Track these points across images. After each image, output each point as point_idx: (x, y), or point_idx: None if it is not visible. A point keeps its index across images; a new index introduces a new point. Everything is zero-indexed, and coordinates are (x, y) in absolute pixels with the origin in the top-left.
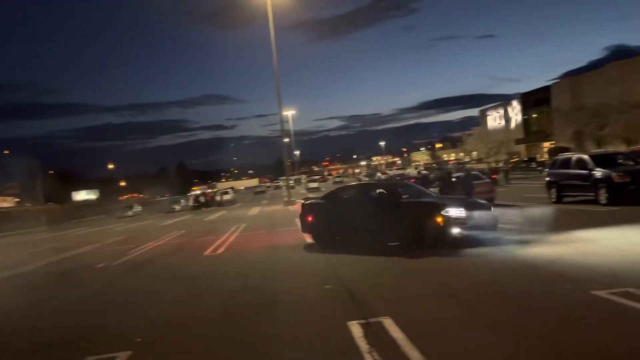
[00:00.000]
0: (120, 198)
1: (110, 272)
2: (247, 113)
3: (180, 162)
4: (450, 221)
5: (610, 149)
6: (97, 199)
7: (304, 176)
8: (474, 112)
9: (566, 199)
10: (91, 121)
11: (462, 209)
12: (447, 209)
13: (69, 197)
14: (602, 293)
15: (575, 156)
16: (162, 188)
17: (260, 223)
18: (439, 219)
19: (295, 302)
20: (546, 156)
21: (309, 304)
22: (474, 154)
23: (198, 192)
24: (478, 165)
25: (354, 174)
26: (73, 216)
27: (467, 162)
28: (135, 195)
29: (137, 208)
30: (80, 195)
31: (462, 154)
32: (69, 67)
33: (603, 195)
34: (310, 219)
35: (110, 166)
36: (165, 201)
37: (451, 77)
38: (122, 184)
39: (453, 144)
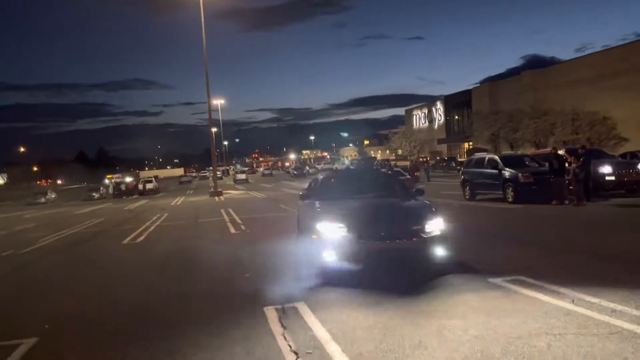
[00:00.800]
0: (38, 183)
1: (17, 260)
2: (174, 100)
3: (100, 148)
4: (322, 243)
5: (521, 151)
6: (5, 183)
7: (232, 167)
8: (401, 111)
9: (478, 197)
10: None
11: (342, 225)
12: (322, 222)
13: None
14: (497, 280)
15: (487, 156)
16: (80, 174)
17: (184, 213)
18: (314, 236)
19: (213, 291)
20: (465, 156)
21: (227, 293)
22: (399, 151)
23: (114, 179)
24: (403, 162)
25: (283, 166)
26: None
27: (393, 159)
28: (49, 181)
29: (51, 195)
30: None
31: (387, 152)
32: None
33: (510, 194)
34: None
35: (21, 149)
36: (83, 188)
37: (381, 76)
38: (35, 169)
39: (380, 141)
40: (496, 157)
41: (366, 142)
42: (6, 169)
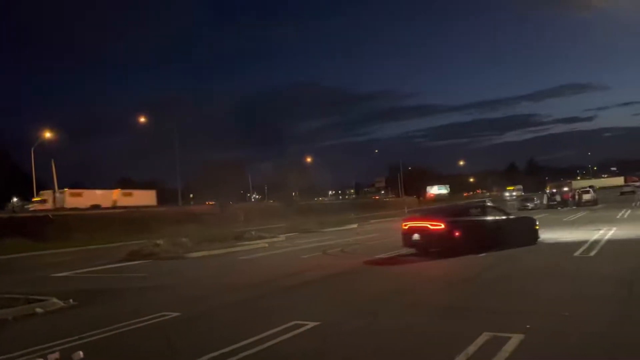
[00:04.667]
0: (465, 194)
1: (483, 261)
2: (610, 102)
3: (530, 158)
4: None
5: None
6: (449, 193)
7: None
8: None
9: None
10: (440, 121)
11: None
12: None
13: (424, 190)
14: None
15: None
16: (512, 185)
17: (635, 228)
18: None
19: None
20: None
21: None
22: None
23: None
24: None
25: None
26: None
27: None
28: (482, 191)
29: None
30: (434, 190)
31: None
32: (419, 74)
33: None
34: None
35: (460, 163)
36: (515, 199)
37: None
38: (471, 180)
39: None
40: None
41: None
42: (448, 180)
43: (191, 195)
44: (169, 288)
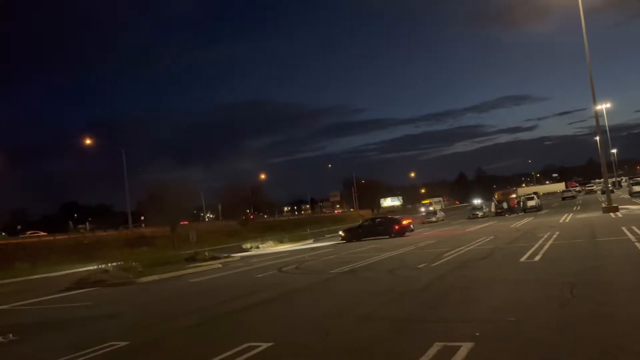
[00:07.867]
0: (424, 202)
1: (433, 272)
2: (548, 112)
3: (478, 167)
4: None
5: None
6: (401, 204)
7: (625, 178)
8: None
9: None
10: (391, 134)
11: None
12: None
13: (378, 203)
14: None
15: None
16: (461, 194)
17: (576, 231)
18: None
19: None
20: None
21: None
22: None
23: (496, 197)
24: None
25: None
26: None
27: None
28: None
29: (440, 214)
30: (387, 202)
31: None
32: (369, 89)
33: None
34: None
35: (412, 174)
36: (466, 207)
37: None
38: (423, 190)
39: None
40: None
41: None
42: (401, 192)
43: (142, 218)
44: (118, 316)
